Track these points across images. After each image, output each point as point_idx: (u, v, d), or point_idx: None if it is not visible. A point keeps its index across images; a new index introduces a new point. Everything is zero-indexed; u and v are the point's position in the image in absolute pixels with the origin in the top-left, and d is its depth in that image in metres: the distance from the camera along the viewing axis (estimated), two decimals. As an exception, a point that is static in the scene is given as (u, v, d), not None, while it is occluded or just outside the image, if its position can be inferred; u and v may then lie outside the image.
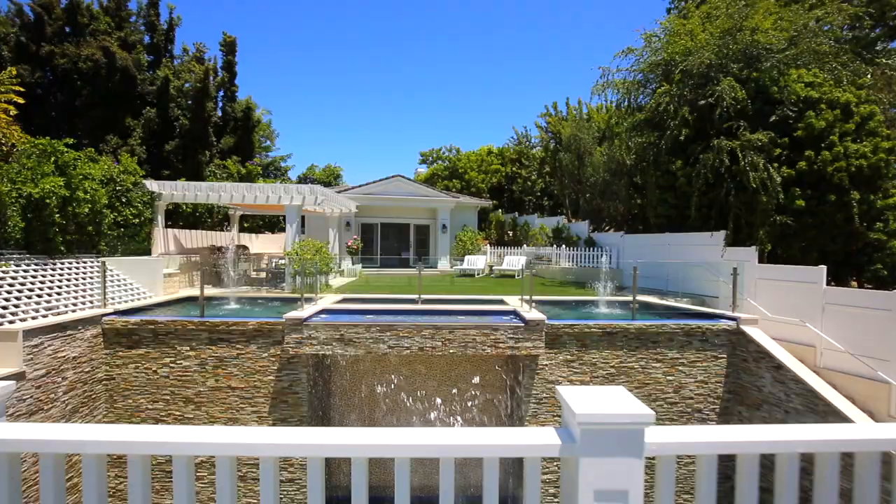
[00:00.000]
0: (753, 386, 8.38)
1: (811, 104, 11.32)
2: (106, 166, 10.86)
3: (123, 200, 10.96)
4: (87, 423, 7.61)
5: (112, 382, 8.04)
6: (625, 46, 14.90)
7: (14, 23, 20.97)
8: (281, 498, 7.98)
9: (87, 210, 9.38)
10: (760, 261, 10.44)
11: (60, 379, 7.11)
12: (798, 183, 11.26)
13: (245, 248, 17.64)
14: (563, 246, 17.84)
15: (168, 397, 8.05)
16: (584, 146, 20.89)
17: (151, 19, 24.68)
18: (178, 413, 8.04)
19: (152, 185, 12.02)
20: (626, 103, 15.21)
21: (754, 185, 11.06)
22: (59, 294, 8.12)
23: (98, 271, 9.09)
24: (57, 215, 8.69)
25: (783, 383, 7.89)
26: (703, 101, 12.05)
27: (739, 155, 11.27)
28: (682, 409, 8.58)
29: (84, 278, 9.05)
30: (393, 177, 21.80)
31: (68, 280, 8.63)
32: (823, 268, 8.61)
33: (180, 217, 15.64)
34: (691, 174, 12.20)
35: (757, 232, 11.48)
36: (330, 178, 40.82)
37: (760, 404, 8.23)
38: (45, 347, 6.87)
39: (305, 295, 9.03)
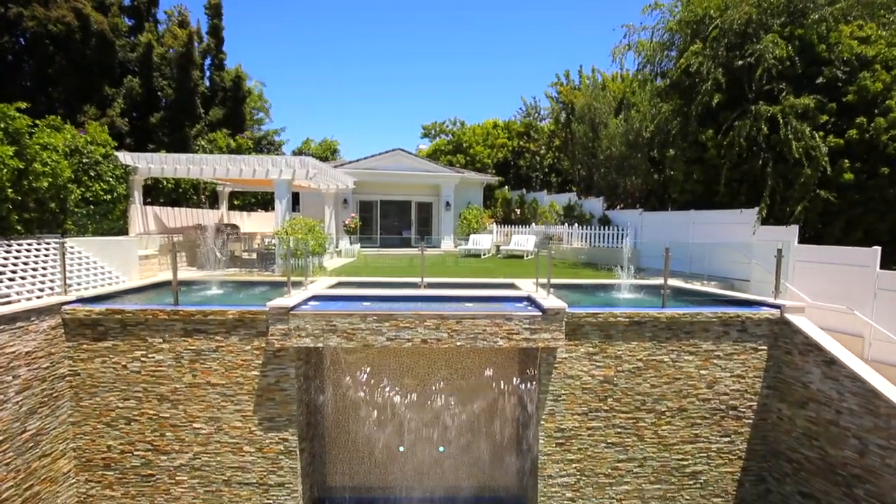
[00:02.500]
0: (798, 382, 7.46)
1: (865, 64, 10.00)
2: (70, 136, 9.70)
3: (92, 174, 9.83)
4: (48, 424, 6.75)
5: (77, 379, 7.14)
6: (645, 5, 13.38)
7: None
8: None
9: (46, 184, 8.31)
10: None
11: (11, 378, 6.19)
12: (846, 154, 10.05)
13: (235, 226, 16.57)
14: (576, 224, 16.74)
15: (140, 395, 7.17)
16: (599, 116, 19.47)
17: (132, -21, 22.92)
18: (152, 412, 7.18)
19: (125, 157, 10.85)
20: (648, 68, 13.80)
21: (797, 156, 9.86)
22: (11, 280, 7.12)
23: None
24: (10, 190, 7.62)
25: (836, 380, 6.96)
26: (740, 62, 10.69)
27: (781, 121, 10.02)
28: (716, 405, 7.71)
29: (45, 262, 8.04)
30: (393, 150, 20.51)
31: (24, 264, 7.61)
32: (877, 249, 7.70)
33: (161, 193, 14.51)
34: (723, 144, 10.97)
35: (794, 208, 10.35)
36: (326, 153, 39.24)
37: (806, 402, 7.33)
38: (-12, 343, 5.92)
39: (293, 279, 8.04)
